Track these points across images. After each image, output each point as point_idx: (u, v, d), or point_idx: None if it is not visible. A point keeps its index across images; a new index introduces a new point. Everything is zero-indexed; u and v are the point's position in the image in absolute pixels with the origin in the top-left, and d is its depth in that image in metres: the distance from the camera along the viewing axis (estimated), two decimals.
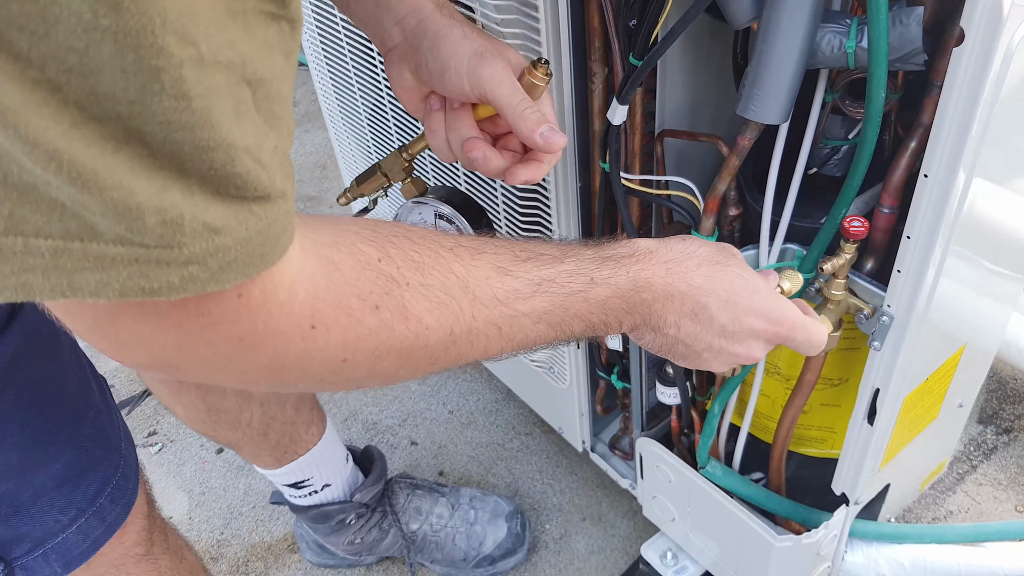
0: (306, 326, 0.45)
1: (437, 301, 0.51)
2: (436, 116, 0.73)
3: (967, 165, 0.67)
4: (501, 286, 0.55)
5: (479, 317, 0.53)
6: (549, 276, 0.57)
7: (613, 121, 0.85)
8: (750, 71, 0.72)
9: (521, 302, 0.55)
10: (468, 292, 0.53)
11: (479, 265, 0.54)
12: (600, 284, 0.59)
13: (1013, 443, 1.44)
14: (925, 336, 0.83)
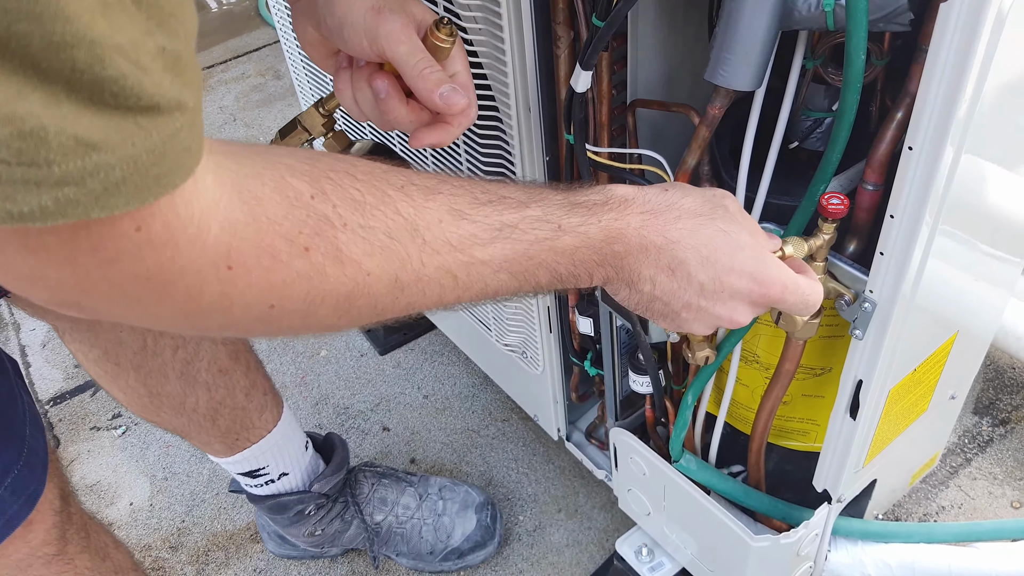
0: (221, 266, 0.40)
1: (379, 245, 0.46)
2: (343, 74, 0.69)
3: (956, 137, 0.61)
4: (456, 230, 0.50)
5: (430, 264, 0.49)
6: (511, 221, 0.52)
7: (576, 88, 0.78)
8: (718, 32, 0.65)
9: (479, 248, 0.51)
10: (417, 236, 0.48)
11: (432, 207, 0.49)
12: (568, 232, 0.54)
13: (1010, 435, 1.38)
14: (912, 324, 0.77)
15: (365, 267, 0.46)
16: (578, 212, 0.55)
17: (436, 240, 0.49)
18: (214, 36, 2.80)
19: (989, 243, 0.82)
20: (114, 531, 1.37)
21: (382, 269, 0.47)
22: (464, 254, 0.50)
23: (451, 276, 0.50)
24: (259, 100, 2.43)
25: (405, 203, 0.48)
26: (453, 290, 0.51)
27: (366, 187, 0.47)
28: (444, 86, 0.63)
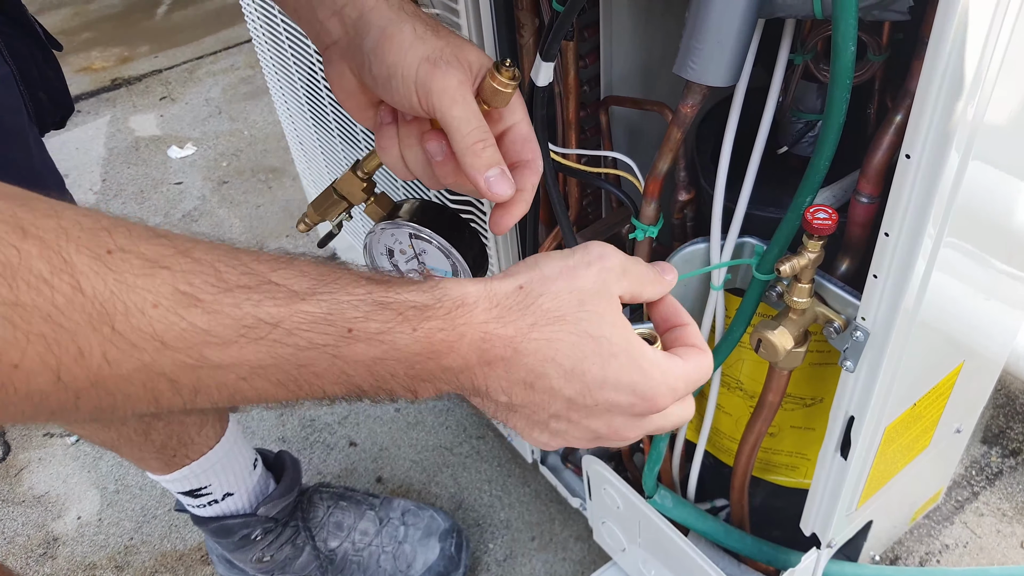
0: None
1: (29, 332, 0.33)
2: (387, 130, 0.60)
3: (962, 143, 0.52)
4: (178, 321, 0.36)
5: (122, 363, 0.36)
6: (272, 317, 0.38)
7: (537, 82, 0.69)
8: (688, 18, 0.56)
9: (214, 348, 0.37)
10: (103, 323, 0.35)
11: (145, 286, 0.36)
12: (363, 340, 0.41)
13: (1021, 467, 1.28)
14: (911, 354, 0.68)
15: (7, 357, 0.33)
16: (382, 315, 0.41)
17: (134, 332, 0.36)
18: (206, 26, 2.72)
19: (1002, 260, 0.73)
20: (58, 547, 1.29)
21: (36, 362, 0.34)
22: (186, 354, 0.37)
23: (165, 379, 0.37)
24: (246, 93, 2.35)
25: (97, 276, 0.35)
26: (173, 395, 0.38)
27: (37, 248, 0.34)
28: (492, 170, 0.54)
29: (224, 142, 2.17)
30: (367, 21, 0.56)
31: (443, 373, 0.44)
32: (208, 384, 0.38)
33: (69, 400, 0.36)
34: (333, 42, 0.59)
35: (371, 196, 0.71)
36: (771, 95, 0.65)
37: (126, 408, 0.37)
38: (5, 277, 0.33)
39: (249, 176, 2.04)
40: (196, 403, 0.39)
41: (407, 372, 0.43)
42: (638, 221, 0.72)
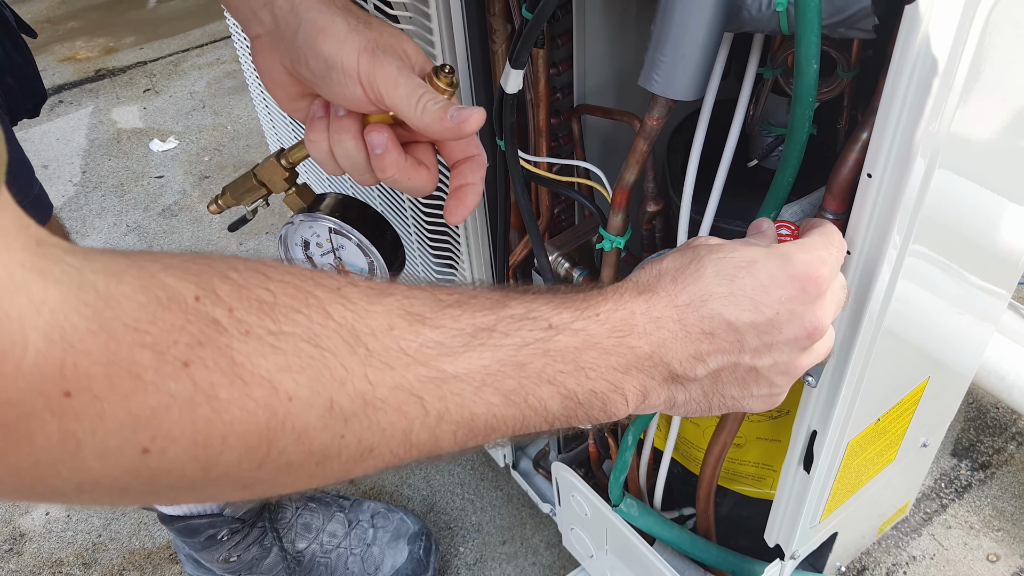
0: (54, 391, 0.29)
1: (300, 355, 0.34)
2: (318, 124, 0.60)
3: (921, 164, 0.52)
4: (415, 338, 0.38)
5: (380, 382, 0.37)
6: (487, 323, 0.41)
7: (507, 89, 0.69)
8: (653, 31, 0.56)
9: (447, 360, 0.39)
10: (358, 345, 0.36)
11: (378, 310, 0.38)
12: (563, 330, 0.43)
13: (990, 480, 1.29)
14: (873, 370, 0.68)
15: (283, 387, 0.34)
16: (569, 307, 0.44)
17: (386, 350, 0.37)
18: (194, 19, 2.71)
19: (969, 275, 0.73)
20: (25, 543, 1.28)
21: (309, 390, 0.34)
22: (428, 367, 0.39)
23: (415, 399, 0.38)
24: (231, 87, 2.34)
25: (338, 306, 0.37)
26: (422, 420, 0.39)
27: (281, 287, 0.35)
28: (451, 109, 0.54)
29: (207, 136, 2.16)
30: (298, 15, 0.56)
31: (635, 357, 0.45)
32: (450, 402, 0.39)
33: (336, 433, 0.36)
34: (265, 32, 0.59)
35: (292, 186, 0.71)
36: (739, 109, 0.65)
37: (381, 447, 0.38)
38: (265, 312, 0.34)
39: (231, 171, 2.03)
40: (440, 433, 0.40)
41: (607, 361, 0.44)
42: (605, 231, 0.72)
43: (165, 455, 0.32)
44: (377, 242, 0.74)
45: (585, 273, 0.81)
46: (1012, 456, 1.32)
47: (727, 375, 0.48)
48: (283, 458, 0.35)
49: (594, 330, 0.44)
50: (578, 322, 0.44)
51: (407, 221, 0.98)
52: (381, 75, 0.54)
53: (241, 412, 0.33)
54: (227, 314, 0.33)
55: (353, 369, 0.36)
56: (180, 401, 0.31)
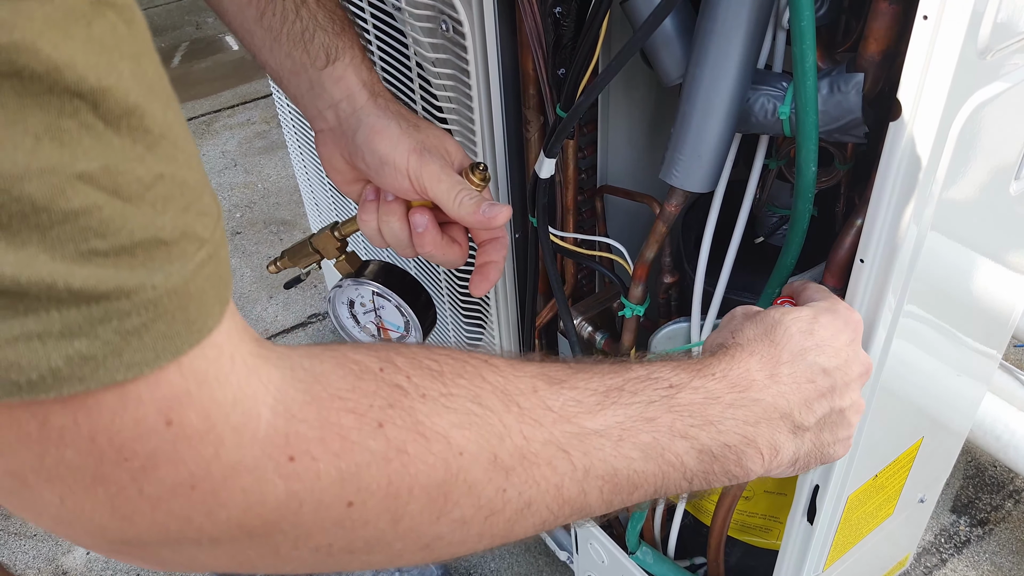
0: (282, 457, 0.33)
1: (468, 414, 0.39)
2: (370, 206, 0.70)
3: (907, 255, 0.60)
4: (556, 398, 0.43)
5: (533, 438, 0.41)
6: (616, 384, 0.46)
7: (540, 174, 0.78)
8: (673, 133, 0.65)
9: (586, 417, 0.43)
10: (511, 403, 0.41)
11: (522, 375, 0.43)
12: (684, 388, 0.48)
13: (988, 537, 1.34)
14: (870, 431, 0.75)
15: (455, 442, 0.38)
16: (686, 368, 0.49)
17: (534, 408, 0.42)
18: (225, 80, 2.84)
19: (958, 341, 0.80)
20: None
21: (476, 445, 0.39)
22: (571, 424, 0.43)
23: (563, 454, 0.42)
24: (262, 147, 2.45)
25: (490, 372, 0.42)
26: (571, 475, 0.42)
27: (443, 359, 0.41)
28: (483, 204, 0.64)
29: (238, 194, 2.26)
30: (359, 117, 0.66)
31: (761, 410, 0.50)
32: (593, 457, 0.43)
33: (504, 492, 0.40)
34: (328, 128, 0.68)
35: (343, 254, 0.81)
36: (747, 195, 0.73)
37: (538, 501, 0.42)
38: (435, 377, 0.39)
39: (261, 228, 2.13)
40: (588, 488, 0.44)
41: (734, 415, 0.49)
42: (627, 300, 0.80)
43: (365, 507, 0.36)
44: (412, 304, 0.84)
45: (606, 336, 0.89)
46: (1010, 513, 1.38)
47: (827, 420, 0.54)
48: (457, 511, 0.39)
49: (712, 387, 0.49)
50: (696, 380, 0.48)
51: (440, 286, 1.06)
52: (426, 172, 0.64)
53: (424, 465, 0.37)
54: (407, 380, 0.38)
55: (510, 425, 0.40)
56: (378, 457, 0.36)
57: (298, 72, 0.66)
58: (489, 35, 0.74)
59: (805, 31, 0.51)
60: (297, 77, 0.66)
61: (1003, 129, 0.58)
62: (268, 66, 0.67)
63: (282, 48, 0.65)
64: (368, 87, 0.67)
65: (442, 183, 0.64)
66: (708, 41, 0.59)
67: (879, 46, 0.56)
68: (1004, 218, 0.69)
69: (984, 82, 0.53)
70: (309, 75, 0.66)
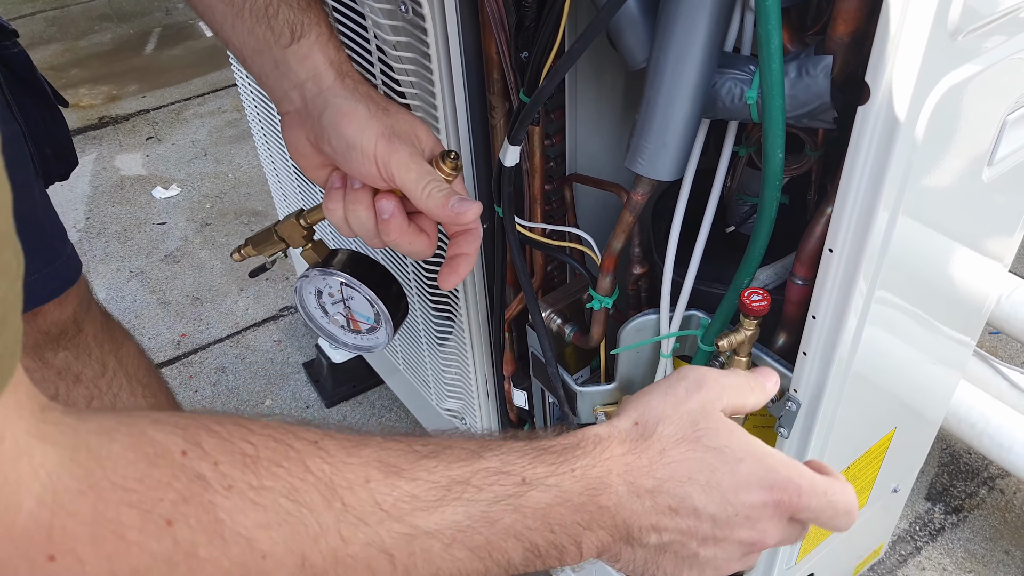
0: (39, 556, 0.30)
1: (278, 512, 0.35)
2: (336, 193, 0.66)
3: (876, 244, 0.58)
4: (390, 491, 0.39)
5: (353, 539, 0.37)
6: (462, 476, 0.42)
7: (504, 162, 0.75)
8: (637, 119, 0.63)
9: (421, 515, 0.40)
10: (334, 499, 0.37)
11: (355, 463, 0.39)
12: (536, 486, 0.44)
13: (962, 524, 1.34)
14: (841, 423, 0.74)
15: (259, 545, 0.34)
16: (545, 460, 0.45)
17: (362, 504, 0.38)
18: (196, 68, 2.79)
19: (932, 328, 0.79)
20: None
21: (284, 547, 0.35)
22: (402, 523, 0.39)
23: (386, 556, 0.38)
24: (232, 136, 2.41)
25: (317, 459, 0.37)
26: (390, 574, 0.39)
27: (264, 440, 0.36)
28: (453, 199, 0.60)
29: (208, 184, 2.22)
30: (325, 99, 0.62)
31: (601, 515, 0.46)
32: (419, 559, 0.40)
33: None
34: (294, 110, 0.65)
35: (309, 242, 0.78)
36: (716, 183, 0.72)
37: None
38: (247, 466, 0.35)
39: (232, 219, 2.09)
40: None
41: (573, 518, 0.45)
42: (595, 292, 0.78)
43: None
44: (383, 296, 0.81)
45: (576, 329, 0.87)
46: (984, 500, 1.38)
47: (671, 552, 0.49)
48: None
49: (567, 486, 0.44)
50: (552, 478, 0.44)
51: (408, 278, 1.04)
52: (395, 159, 0.60)
53: (216, 570, 0.33)
54: (212, 468, 0.34)
55: (328, 526, 0.37)
56: (160, 560, 0.32)
57: (262, 50, 0.63)
58: (450, 17, 0.72)
59: (770, 10, 0.49)
60: (261, 56, 0.63)
61: (976, 113, 0.57)
62: (231, 44, 0.64)
63: (244, 24, 0.62)
64: (335, 66, 0.63)
65: (411, 172, 0.61)
66: (672, 23, 0.57)
67: (848, 27, 0.54)
68: (977, 205, 0.68)
69: (955, 64, 0.51)
70: (273, 53, 0.62)
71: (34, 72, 0.84)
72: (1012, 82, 0.58)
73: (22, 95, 0.82)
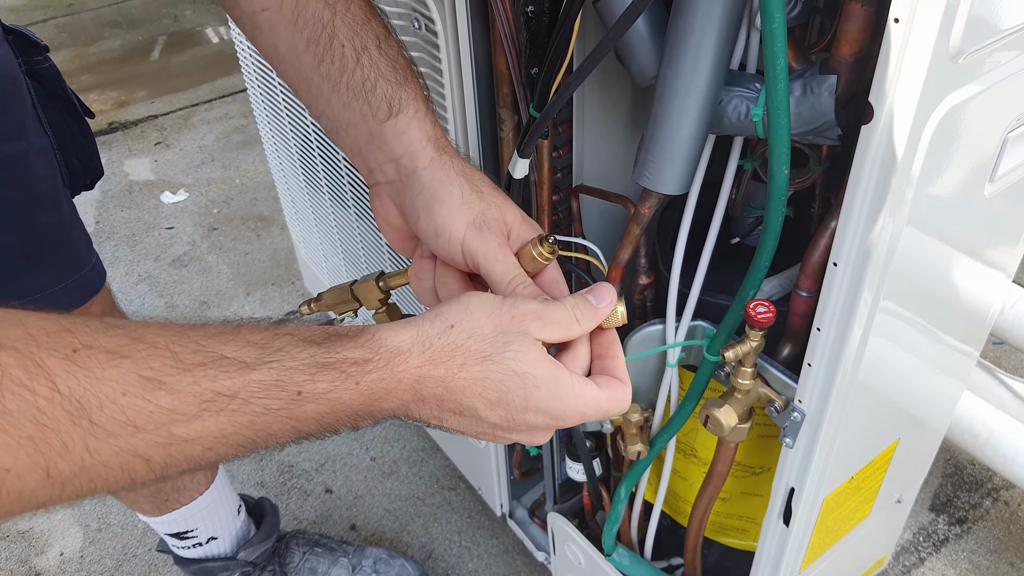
0: None
1: (21, 435, 0.37)
2: (425, 264, 0.65)
3: (880, 258, 0.59)
4: (146, 405, 0.40)
5: (102, 450, 0.40)
6: (229, 389, 0.43)
7: (514, 175, 0.77)
8: (645, 135, 0.64)
9: (181, 425, 0.42)
10: (82, 417, 0.39)
11: (111, 377, 0.40)
12: (312, 400, 0.45)
13: (966, 535, 1.35)
14: (845, 434, 0.75)
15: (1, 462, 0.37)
16: (327, 375, 0.46)
17: (111, 421, 0.40)
18: (203, 74, 2.81)
19: (935, 338, 0.80)
20: None
21: (27, 462, 0.38)
22: (158, 434, 0.41)
23: (141, 459, 0.41)
24: (240, 142, 2.42)
25: (70, 375, 0.39)
26: (147, 472, 0.42)
27: (14, 357, 0.38)
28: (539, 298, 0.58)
29: (216, 189, 2.24)
30: (420, 179, 0.61)
31: (381, 413, 0.49)
32: (177, 458, 0.43)
33: (55, 493, 0.40)
34: (386, 182, 0.63)
35: (384, 305, 0.76)
36: (722, 196, 0.73)
37: (104, 490, 0.42)
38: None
39: (239, 223, 2.11)
40: (166, 475, 0.43)
41: (350, 418, 0.48)
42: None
43: None
44: None
45: None
46: (988, 511, 1.38)
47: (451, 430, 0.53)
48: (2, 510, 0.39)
49: (347, 398, 0.46)
50: (332, 393, 0.46)
51: None
52: (482, 251, 0.59)
53: None
54: None
55: (74, 440, 0.39)
56: None
57: (357, 124, 0.61)
58: (462, 34, 0.73)
59: (776, 33, 0.50)
60: (355, 129, 0.62)
61: (977, 132, 0.58)
62: (324, 116, 0.63)
63: (341, 98, 0.61)
64: (433, 142, 0.61)
65: (497, 265, 0.59)
66: (680, 42, 0.58)
67: (852, 48, 0.55)
68: (980, 219, 0.69)
69: (957, 85, 0.52)
70: (369, 127, 0.61)
71: (63, 86, 0.86)
72: (1012, 101, 0.59)
73: (51, 108, 0.84)
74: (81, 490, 0.40)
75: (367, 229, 1.19)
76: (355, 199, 1.16)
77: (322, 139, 1.17)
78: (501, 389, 0.50)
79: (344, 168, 1.14)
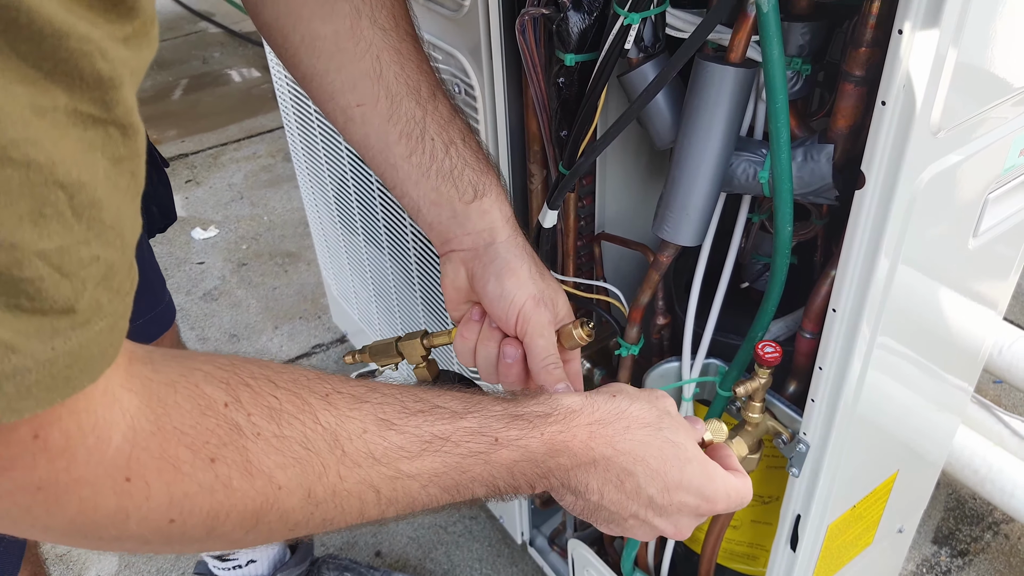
0: (119, 478, 0.39)
1: (293, 456, 0.45)
2: (473, 326, 0.72)
3: (875, 301, 0.66)
4: (381, 441, 0.49)
5: (349, 477, 0.47)
6: (443, 433, 0.51)
7: (544, 224, 0.84)
8: (663, 194, 0.71)
9: (406, 461, 0.49)
10: (336, 447, 0.47)
11: (356, 416, 0.48)
12: (506, 446, 0.53)
13: (968, 567, 1.40)
14: (847, 464, 0.81)
15: (276, 480, 0.44)
16: (518, 424, 0.53)
17: (357, 452, 0.47)
18: (231, 114, 2.91)
19: (931, 375, 0.86)
20: None
21: (295, 482, 0.45)
22: (389, 467, 0.49)
23: (373, 490, 0.49)
24: (267, 180, 2.52)
25: (327, 412, 0.47)
26: (375, 505, 0.49)
27: (286, 395, 0.46)
28: (560, 384, 0.66)
29: (244, 226, 2.32)
30: (496, 250, 0.68)
31: (559, 471, 0.55)
32: (399, 493, 0.50)
33: (306, 515, 0.47)
34: (460, 250, 0.70)
35: (425, 361, 0.83)
36: (733, 245, 0.80)
37: (340, 522, 0.49)
38: (272, 418, 0.45)
39: (267, 259, 2.19)
40: (387, 512, 0.51)
41: (534, 471, 0.54)
42: (623, 340, 0.87)
43: (185, 524, 0.42)
44: None
45: (604, 373, 0.96)
46: (989, 544, 1.43)
47: (605, 513, 0.58)
48: (266, 528, 0.46)
49: (534, 447, 0.53)
50: (521, 439, 0.53)
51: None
52: (535, 321, 0.67)
53: (244, 497, 0.43)
54: (246, 419, 0.44)
55: (330, 467, 0.46)
56: (205, 488, 0.42)
57: (441, 204, 0.68)
58: (498, 99, 0.82)
59: (779, 112, 0.58)
60: (439, 207, 0.69)
61: (959, 195, 0.65)
62: (408, 196, 0.69)
63: (430, 182, 0.68)
64: (510, 222, 0.69)
65: (542, 338, 0.67)
66: (695, 116, 0.66)
67: (847, 122, 0.63)
68: (966, 269, 0.76)
69: (938, 156, 0.60)
70: (454, 206, 0.68)
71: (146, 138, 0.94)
72: (991, 167, 0.66)
73: None
74: (326, 517, 0.48)
75: (399, 271, 1.26)
76: (390, 243, 1.24)
77: (359, 183, 1.25)
78: (660, 457, 0.56)
79: (380, 213, 1.22)
